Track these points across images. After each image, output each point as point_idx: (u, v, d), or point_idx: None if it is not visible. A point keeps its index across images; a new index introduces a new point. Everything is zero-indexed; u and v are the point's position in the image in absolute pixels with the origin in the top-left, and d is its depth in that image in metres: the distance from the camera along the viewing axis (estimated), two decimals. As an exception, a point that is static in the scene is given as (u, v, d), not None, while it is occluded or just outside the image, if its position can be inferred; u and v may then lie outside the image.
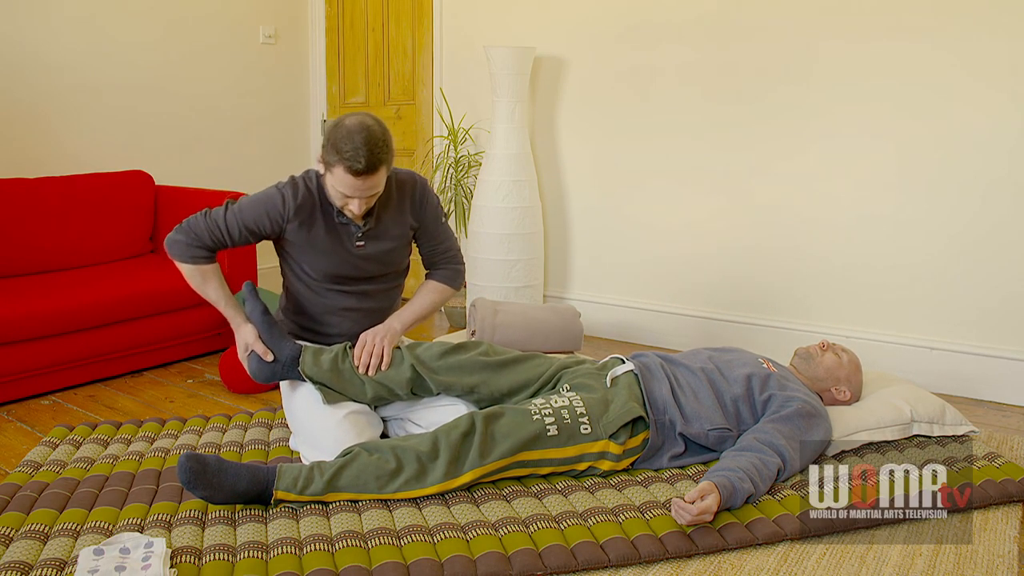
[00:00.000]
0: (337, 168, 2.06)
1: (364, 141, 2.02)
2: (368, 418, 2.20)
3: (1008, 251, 2.87)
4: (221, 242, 2.23)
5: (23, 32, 3.51)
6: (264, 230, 2.24)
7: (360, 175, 2.05)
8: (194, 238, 2.21)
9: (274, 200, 2.21)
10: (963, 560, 1.80)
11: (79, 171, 3.67)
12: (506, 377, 2.25)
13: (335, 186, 2.11)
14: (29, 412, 2.79)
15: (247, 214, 2.22)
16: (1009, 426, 2.70)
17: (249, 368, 2.24)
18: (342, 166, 2.04)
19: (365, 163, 2.03)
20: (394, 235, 2.32)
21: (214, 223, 2.22)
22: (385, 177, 2.14)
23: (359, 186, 2.08)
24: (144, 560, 1.66)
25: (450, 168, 3.96)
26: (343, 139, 2.03)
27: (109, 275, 3.23)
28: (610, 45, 3.62)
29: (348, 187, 2.08)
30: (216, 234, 2.22)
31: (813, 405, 2.16)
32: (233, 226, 2.22)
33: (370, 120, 2.08)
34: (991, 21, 2.81)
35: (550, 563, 1.71)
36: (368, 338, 2.25)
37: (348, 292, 2.33)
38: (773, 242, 3.33)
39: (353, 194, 2.11)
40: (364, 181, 2.07)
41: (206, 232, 2.22)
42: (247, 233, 2.23)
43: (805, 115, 3.19)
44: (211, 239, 2.22)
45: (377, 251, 2.30)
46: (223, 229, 2.22)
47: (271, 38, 4.46)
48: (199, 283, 2.27)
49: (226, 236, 2.23)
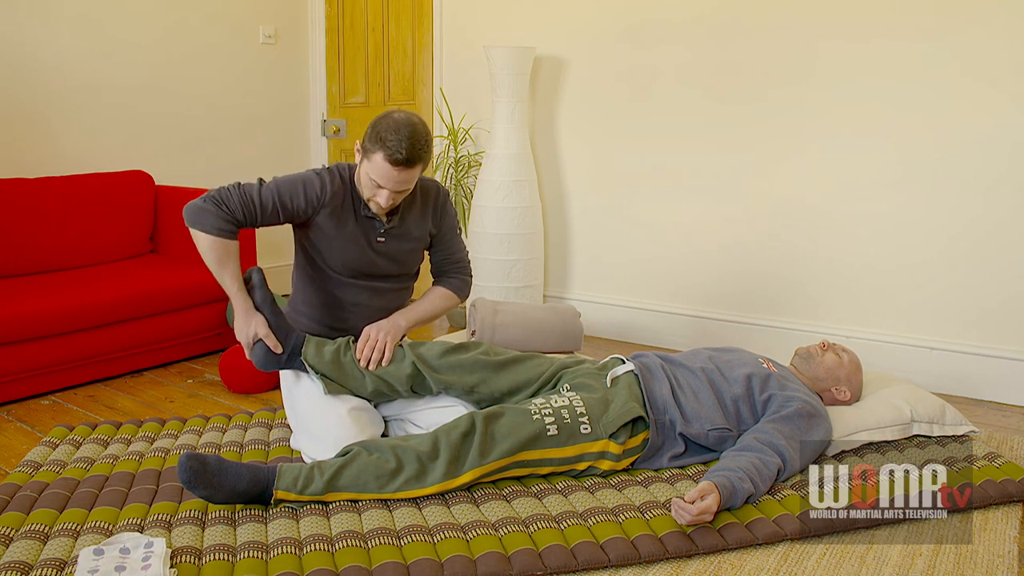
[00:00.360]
0: (377, 155, 2.09)
1: (409, 135, 2.07)
2: (370, 415, 2.20)
3: (1008, 251, 2.87)
4: (252, 217, 2.16)
5: (23, 32, 3.51)
6: (298, 209, 2.20)
7: (398, 165, 2.08)
8: (225, 210, 2.13)
9: (312, 182, 2.21)
10: (963, 560, 1.80)
11: (79, 171, 3.67)
12: (506, 377, 2.25)
13: (370, 174, 2.13)
14: (29, 412, 2.79)
15: (284, 189, 2.19)
16: (1009, 426, 2.70)
17: (255, 357, 2.23)
18: (383, 153, 2.07)
19: (406, 154, 2.07)
20: (414, 237, 2.37)
21: (247, 196, 2.15)
22: (418, 176, 2.17)
23: (394, 177, 2.11)
24: (144, 560, 1.66)
25: (450, 168, 3.96)
26: (389, 129, 2.07)
27: (109, 275, 3.23)
28: (610, 45, 3.62)
29: (383, 176, 2.11)
30: (249, 207, 2.15)
31: (813, 405, 2.16)
32: (268, 200, 2.16)
33: (416, 119, 2.14)
34: (991, 21, 2.81)
35: (550, 563, 1.71)
36: (372, 332, 2.26)
37: (361, 287, 2.34)
38: (773, 242, 3.33)
39: (386, 184, 2.13)
40: (400, 173, 2.10)
41: (239, 205, 2.14)
42: (279, 209, 2.18)
43: (805, 115, 3.19)
44: (243, 212, 2.15)
45: (396, 250, 2.34)
46: (256, 203, 2.16)
47: (271, 38, 4.46)
48: (219, 258, 2.15)
49: (258, 211, 2.16)
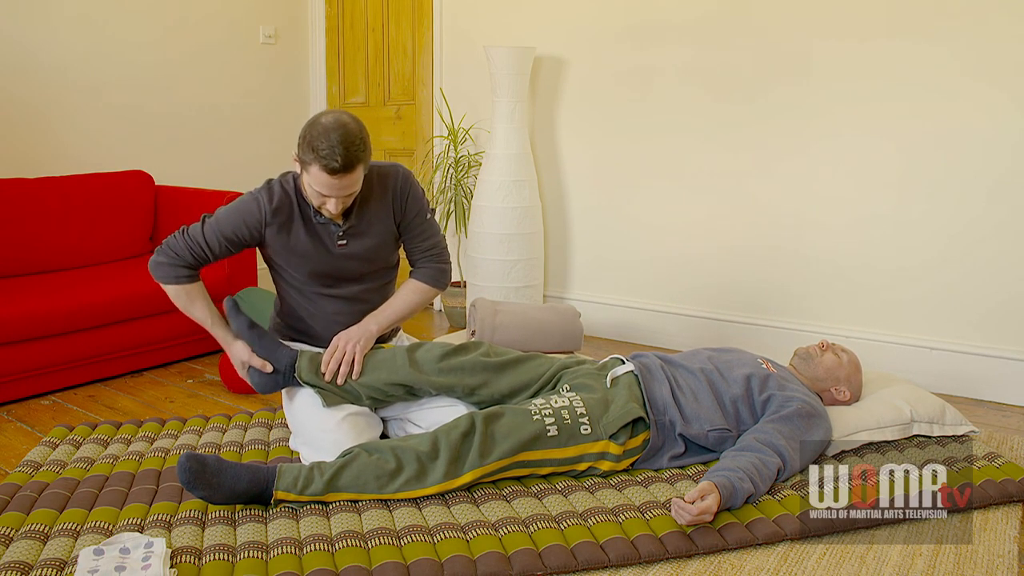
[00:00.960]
0: (313, 167, 2.01)
1: (340, 139, 1.98)
2: (368, 419, 2.20)
3: (1008, 251, 2.87)
4: (203, 257, 2.19)
5: (23, 32, 3.51)
6: (243, 238, 2.20)
7: (336, 174, 2.00)
8: (175, 257, 2.18)
9: (249, 207, 2.17)
10: (963, 560, 1.80)
11: (79, 171, 3.67)
12: (506, 378, 2.25)
13: (311, 185, 2.07)
14: (29, 412, 2.79)
15: (224, 224, 2.18)
16: (1009, 426, 2.70)
17: (252, 383, 2.23)
18: (318, 164, 2.00)
19: (342, 161, 1.98)
20: (377, 231, 2.27)
21: (192, 239, 2.18)
22: (362, 175, 2.10)
23: (335, 185, 2.03)
24: (144, 560, 1.66)
25: (450, 168, 3.96)
26: (319, 137, 1.99)
27: (109, 275, 3.23)
28: (610, 45, 3.62)
29: (324, 186, 2.04)
30: (196, 249, 2.18)
31: (813, 405, 2.16)
32: (212, 238, 2.18)
33: (346, 117, 2.05)
34: (991, 21, 2.81)
35: (550, 563, 1.71)
36: (340, 343, 2.21)
37: (336, 296, 2.29)
38: (773, 242, 3.33)
39: (330, 193, 2.06)
40: (340, 180, 2.02)
41: (186, 249, 2.18)
42: (227, 243, 2.19)
43: (805, 115, 3.19)
44: (192, 255, 2.18)
45: (360, 249, 2.25)
46: (202, 243, 2.18)
47: (271, 38, 4.46)
48: (185, 304, 2.24)
49: (206, 250, 2.19)
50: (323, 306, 2.30)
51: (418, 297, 2.35)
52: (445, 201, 3.96)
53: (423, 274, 2.37)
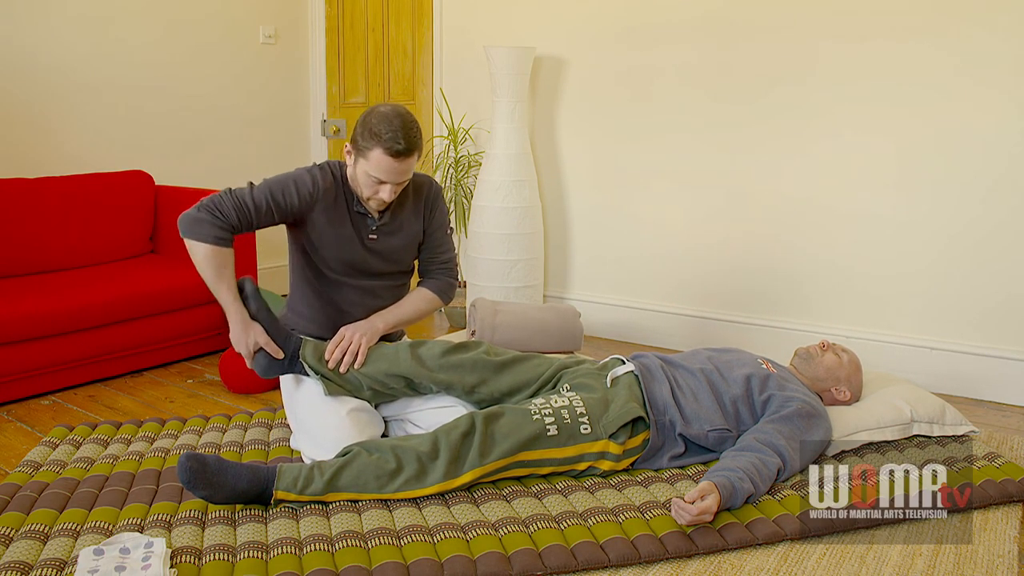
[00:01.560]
0: (375, 151, 2.08)
1: (402, 125, 2.07)
2: (370, 416, 2.20)
3: (1008, 252, 2.87)
4: (247, 220, 2.13)
5: (23, 32, 3.51)
6: (291, 206, 2.18)
7: (399, 156, 2.08)
8: (219, 217, 2.09)
9: (304, 179, 2.20)
10: (963, 560, 1.80)
11: (79, 171, 3.67)
12: (506, 377, 2.25)
13: (369, 172, 2.12)
14: (29, 412, 2.79)
15: (276, 188, 2.17)
16: (1009, 426, 2.70)
17: (257, 367, 2.22)
18: (381, 148, 2.07)
19: (405, 144, 2.07)
20: (406, 233, 2.36)
21: (240, 200, 2.13)
22: (415, 164, 2.17)
23: (396, 169, 2.10)
24: (144, 560, 1.66)
25: (450, 168, 3.96)
26: (380, 122, 2.07)
27: (109, 275, 3.23)
28: (610, 45, 3.62)
29: (384, 171, 2.10)
30: (243, 211, 2.12)
31: (813, 405, 2.16)
32: (261, 201, 2.14)
33: (403, 108, 2.14)
34: (991, 21, 2.81)
35: (550, 563, 1.71)
36: (347, 332, 2.23)
37: (355, 287, 2.33)
38: (773, 242, 3.33)
39: (388, 178, 2.12)
40: (401, 163, 2.10)
41: (233, 210, 2.11)
42: (274, 209, 2.15)
43: (805, 115, 3.19)
44: (238, 217, 2.12)
45: (387, 247, 2.33)
46: (250, 205, 2.13)
47: (271, 38, 4.46)
48: (217, 268, 2.11)
49: (252, 213, 2.13)
50: (339, 294, 2.33)
51: (426, 305, 2.41)
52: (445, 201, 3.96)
53: (434, 285, 2.44)
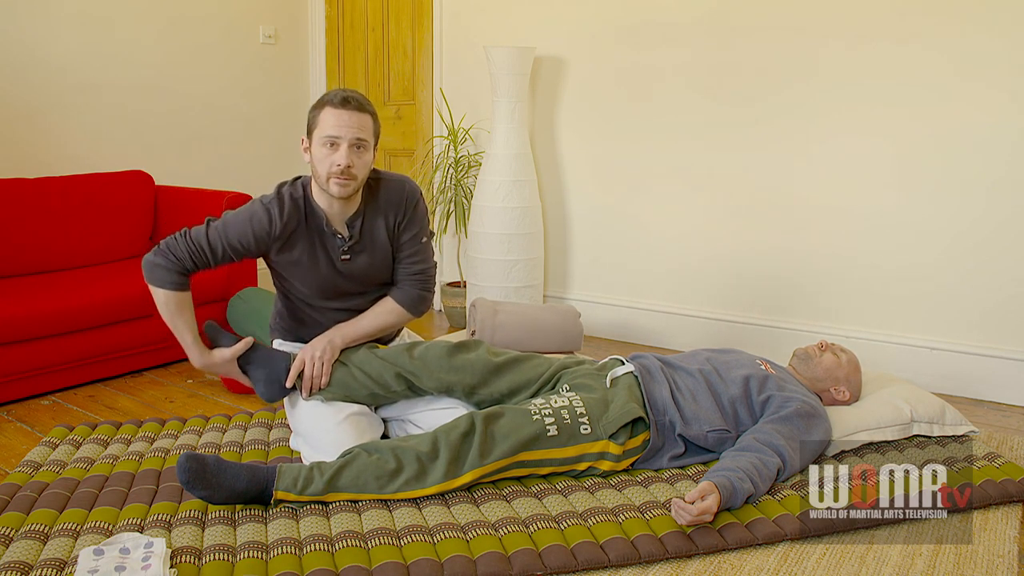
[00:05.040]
0: (324, 111, 2.07)
1: (347, 89, 2.10)
2: (369, 420, 2.20)
3: (1008, 252, 2.87)
4: (203, 262, 2.12)
5: (23, 32, 3.51)
6: (250, 248, 2.13)
7: (346, 105, 2.05)
8: (173, 261, 2.09)
9: (260, 217, 2.12)
10: (963, 560, 1.80)
11: (79, 171, 3.67)
12: (506, 377, 2.25)
13: (322, 135, 2.06)
14: (29, 412, 2.79)
15: (232, 231, 2.11)
16: (1009, 426, 2.70)
17: (260, 394, 2.23)
18: (328, 105, 2.06)
19: (352, 98, 2.06)
20: (378, 248, 2.24)
21: (195, 243, 2.10)
22: (372, 130, 2.12)
23: (347, 121, 2.04)
24: (144, 560, 1.66)
25: (450, 168, 3.96)
26: (326, 93, 2.11)
27: (109, 275, 3.23)
28: (610, 45, 3.62)
29: (335, 124, 2.04)
30: (198, 255, 2.11)
31: (812, 405, 2.16)
32: (217, 244, 2.11)
33: None
34: (991, 21, 2.80)
35: (550, 563, 1.71)
36: (307, 358, 2.17)
37: (334, 309, 2.28)
38: (773, 242, 3.33)
39: (340, 132, 2.04)
40: (352, 116, 2.05)
41: (187, 254, 2.10)
42: (231, 251, 2.13)
43: (805, 116, 3.19)
44: (192, 261, 2.10)
45: (363, 264, 2.24)
46: (205, 248, 2.10)
47: (271, 38, 4.46)
48: (174, 311, 2.12)
49: (208, 256, 2.11)
50: (322, 315, 2.29)
51: (391, 318, 2.29)
52: (445, 201, 3.96)
53: (402, 296, 2.30)
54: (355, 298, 2.29)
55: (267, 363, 2.21)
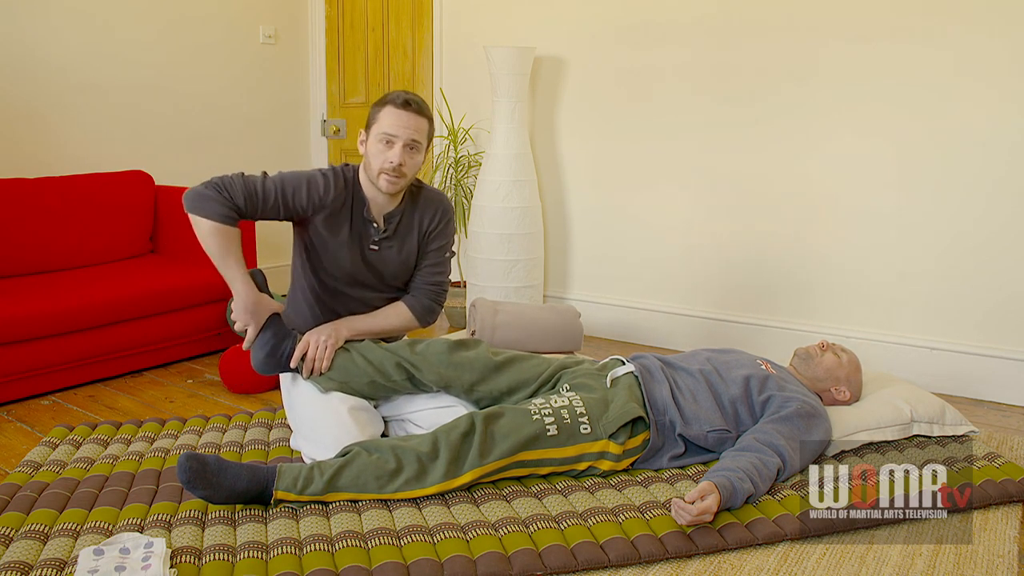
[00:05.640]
0: (384, 109, 2.17)
1: (410, 93, 2.21)
2: (369, 415, 2.20)
3: (1009, 252, 2.87)
4: (253, 206, 2.14)
5: (23, 32, 3.51)
6: (299, 206, 2.20)
7: (407, 107, 2.15)
8: (227, 197, 2.10)
9: (316, 180, 2.22)
10: (963, 560, 1.80)
11: (79, 171, 3.67)
12: (506, 375, 2.25)
13: (380, 130, 2.17)
14: (29, 412, 2.79)
15: (288, 183, 2.19)
16: (1009, 426, 2.70)
17: (254, 362, 2.23)
18: (390, 104, 2.16)
19: (416, 101, 2.17)
20: (407, 247, 2.35)
21: (251, 185, 2.14)
22: (428, 134, 2.23)
23: (406, 123, 2.15)
24: (144, 560, 1.66)
25: (450, 168, 3.96)
26: (388, 93, 2.21)
27: (109, 275, 3.23)
28: (610, 45, 3.62)
29: (394, 123, 2.15)
30: (251, 197, 2.13)
31: (812, 405, 2.16)
32: (270, 192, 2.16)
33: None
34: (991, 21, 2.81)
35: (550, 563, 1.71)
36: (312, 339, 2.20)
37: (350, 296, 2.33)
38: (773, 242, 3.33)
39: (398, 132, 2.16)
40: (411, 117, 2.16)
41: (241, 192, 2.12)
42: (281, 203, 2.17)
43: (805, 116, 3.19)
44: (245, 201, 2.12)
45: (388, 257, 2.33)
46: (259, 193, 2.14)
47: (271, 38, 4.46)
48: (221, 245, 2.10)
49: (259, 201, 2.14)
50: (335, 302, 2.33)
51: (399, 322, 2.37)
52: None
53: (414, 303, 2.39)
54: (370, 290, 2.35)
55: (276, 335, 2.21)
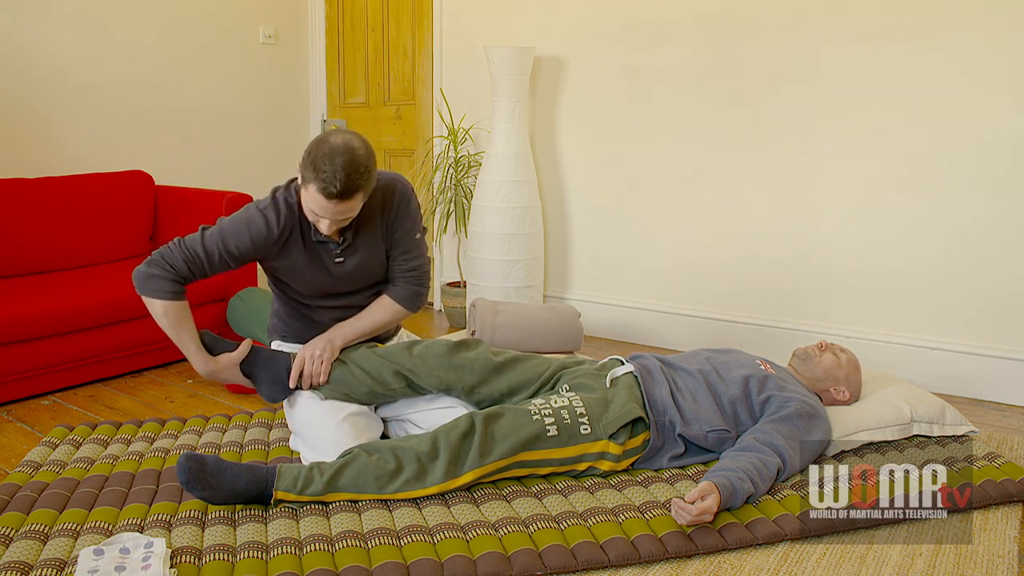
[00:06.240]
0: (312, 186, 1.95)
1: (344, 164, 1.92)
2: (368, 420, 2.20)
3: (1009, 252, 2.87)
4: (200, 270, 2.09)
5: (23, 32, 3.51)
6: (247, 255, 2.12)
7: (333, 199, 1.95)
8: (168, 270, 2.06)
9: (258, 223, 2.09)
10: (963, 560, 1.80)
11: (79, 171, 3.67)
12: (506, 376, 2.25)
13: (307, 203, 2.02)
14: (29, 412, 2.79)
15: (228, 237, 2.09)
16: (1009, 426, 2.70)
17: (263, 395, 2.23)
18: (316, 186, 1.94)
19: (340, 187, 1.93)
20: (372, 249, 2.24)
21: (190, 251, 2.07)
22: (361, 203, 2.04)
23: (331, 209, 1.98)
24: (144, 560, 1.66)
25: (450, 168, 3.96)
26: (324, 157, 1.93)
27: (109, 275, 3.23)
28: (610, 45, 3.62)
29: (320, 208, 1.99)
30: (194, 262, 2.08)
31: (812, 405, 2.16)
32: (213, 251, 2.08)
33: (357, 142, 1.98)
34: (992, 21, 2.81)
35: (550, 563, 1.71)
36: (306, 354, 2.19)
37: (331, 307, 2.29)
38: (773, 242, 3.33)
39: (324, 215, 2.01)
40: (337, 205, 1.97)
41: (183, 262, 2.06)
42: (228, 258, 2.10)
43: (805, 116, 3.19)
44: (189, 269, 2.07)
45: (354, 267, 2.23)
46: (201, 256, 2.08)
47: (271, 38, 4.46)
48: (174, 322, 2.10)
49: (204, 263, 2.08)
50: (316, 314, 2.30)
51: (387, 316, 2.30)
52: (445, 201, 3.96)
53: (398, 293, 2.30)
54: (350, 296, 2.30)
55: (269, 364, 2.22)
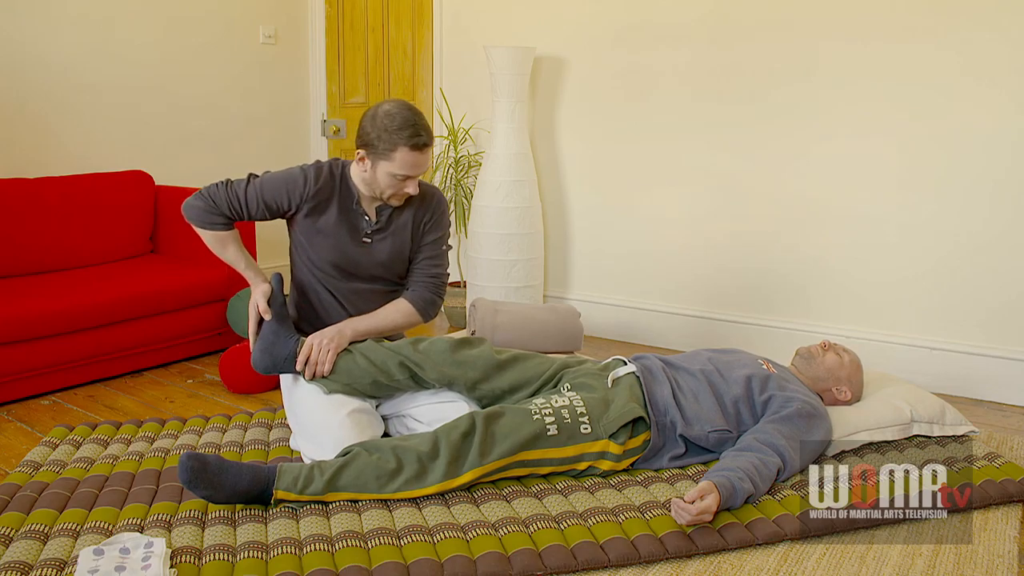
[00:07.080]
0: (400, 151, 2.13)
1: (416, 115, 2.16)
2: (369, 417, 2.20)
3: (1009, 252, 2.87)
4: (238, 213, 2.28)
5: (23, 32, 3.51)
6: (282, 207, 2.29)
7: (425, 148, 2.16)
8: (212, 206, 2.26)
9: (296, 179, 2.27)
10: (963, 560, 1.80)
11: (79, 171, 3.67)
12: (508, 374, 2.25)
13: (394, 172, 2.17)
14: (29, 412, 2.79)
15: (267, 189, 2.27)
16: (1009, 426, 2.70)
17: (252, 357, 2.25)
18: (407, 146, 2.13)
19: (427, 135, 2.16)
20: (400, 239, 2.36)
21: (234, 194, 2.27)
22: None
23: (422, 162, 2.18)
24: (144, 560, 1.66)
25: (450, 168, 3.96)
26: (394, 122, 2.13)
27: (109, 275, 3.23)
28: (610, 45, 3.62)
29: (411, 165, 2.17)
30: (234, 205, 2.27)
31: (813, 405, 2.16)
32: (252, 199, 2.27)
33: (405, 101, 2.20)
34: (992, 21, 2.81)
35: (550, 563, 1.71)
36: (315, 341, 2.21)
37: (347, 289, 2.34)
38: (774, 242, 3.33)
39: (414, 172, 2.18)
40: (424, 154, 2.17)
41: (225, 202, 2.26)
42: (264, 208, 2.28)
43: (806, 115, 3.19)
44: (229, 209, 2.27)
45: (381, 251, 2.34)
46: (242, 201, 2.27)
47: (271, 38, 4.46)
48: (217, 247, 2.32)
49: (244, 208, 2.27)
50: (330, 297, 2.35)
51: (402, 318, 2.37)
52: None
53: (415, 298, 2.39)
54: (363, 282, 2.36)
55: (280, 334, 2.23)
